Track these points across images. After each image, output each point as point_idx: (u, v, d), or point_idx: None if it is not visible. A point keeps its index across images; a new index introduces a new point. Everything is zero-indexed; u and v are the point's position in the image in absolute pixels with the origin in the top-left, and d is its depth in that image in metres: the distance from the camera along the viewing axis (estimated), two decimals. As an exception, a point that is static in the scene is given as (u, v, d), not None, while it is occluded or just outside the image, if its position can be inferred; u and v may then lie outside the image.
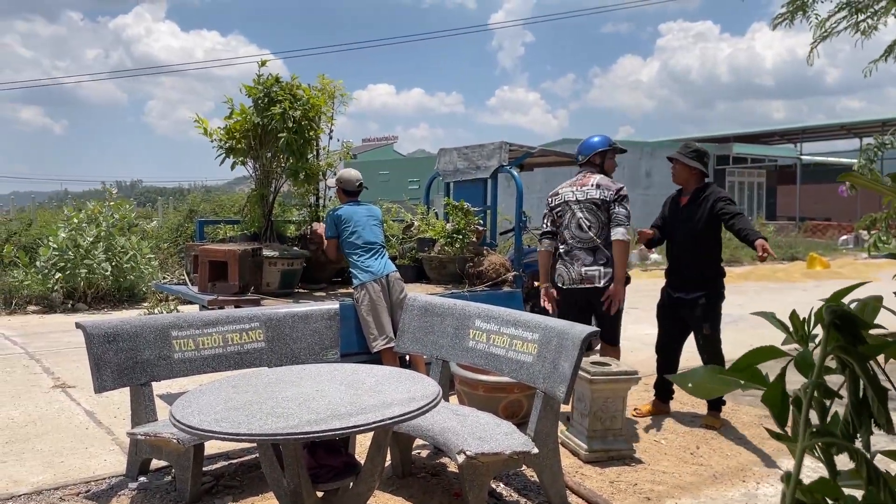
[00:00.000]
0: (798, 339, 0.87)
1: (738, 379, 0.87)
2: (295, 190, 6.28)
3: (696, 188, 4.79)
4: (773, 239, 22.47)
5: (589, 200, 4.67)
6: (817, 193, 32.46)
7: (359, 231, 5.29)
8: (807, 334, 0.87)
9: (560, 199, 4.79)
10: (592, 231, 4.64)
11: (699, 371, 0.92)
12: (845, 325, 0.75)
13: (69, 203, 13.24)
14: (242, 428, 2.34)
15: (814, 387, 0.76)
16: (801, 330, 0.87)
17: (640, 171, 30.82)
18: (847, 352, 0.75)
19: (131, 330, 3.57)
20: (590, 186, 4.70)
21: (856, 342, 0.74)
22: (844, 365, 0.77)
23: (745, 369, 0.85)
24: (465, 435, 3.24)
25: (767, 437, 4.52)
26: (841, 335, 0.75)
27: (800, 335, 0.87)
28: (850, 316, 0.75)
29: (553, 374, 3.29)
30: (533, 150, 6.87)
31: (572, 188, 4.77)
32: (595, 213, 4.65)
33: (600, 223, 4.64)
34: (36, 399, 5.43)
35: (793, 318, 0.91)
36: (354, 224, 5.30)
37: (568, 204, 4.74)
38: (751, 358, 0.86)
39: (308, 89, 5.86)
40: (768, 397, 0.81)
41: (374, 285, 5.13)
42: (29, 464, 4.02)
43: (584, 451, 4.09)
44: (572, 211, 4.70)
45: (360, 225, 5.31)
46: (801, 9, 6.25)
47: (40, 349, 7.35)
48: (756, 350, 0.87)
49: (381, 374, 3.03)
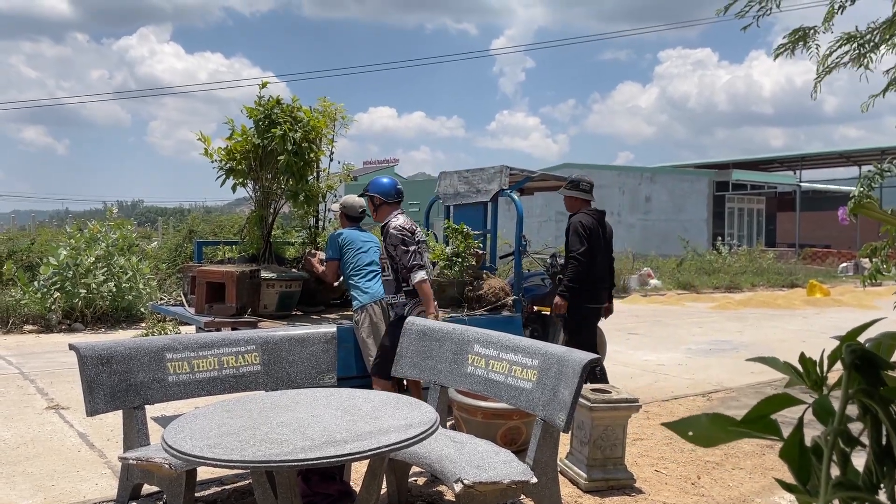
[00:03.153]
0: (811, 383, 0.82)
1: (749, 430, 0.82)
2: (295, 211, 6.26)
3: (570, 214, 5.53)
4: (773, 265, 22.45)
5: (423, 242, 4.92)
6: (817, 220, 32.50)
7: (359, 254, 5.29)
8: (822, 378, 0.82)
9: (419, 237, 4.90)
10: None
11: (701, 419, 0.88)
12: (865, 367, 0.71)
13: (70, 222, 13.22)
14: (235, 454, 2.30)
15: (836, 435, 0.71)
16: (813, 373, 0.82)
17: (640, 196, 30.91)
18: (870, 395, 0.71)
19: (125, 352, 3.52)
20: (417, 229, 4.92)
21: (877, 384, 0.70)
22: (866, 410, 0.73)
23: (758, 420, 0.80)
24: (463, 463, 3.18)
25: (770, 467, 4.46)
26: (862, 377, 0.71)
27: (813, 379, 0.82)
28: (871, 356, 0.71)
29: (553, 402, 3.24)
30: (533, 174, 6.86)
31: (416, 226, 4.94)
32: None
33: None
34: (29, 420, 5.36)
35: (804, 360, 0.86)
36: (356, 247, 5.30)
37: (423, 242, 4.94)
38: (764, 408, 0.81)
39: (309, 111, 5.87)
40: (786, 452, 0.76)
41: (375, 307, 5.08)
42: (19, 487, 3.96)
43: (584, 479, 4.02)
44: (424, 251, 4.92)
45: (361, 248, 5.31)
46: (803, 39, 6.28)
47: (35, 369, 7.28)
48: (769, 399, 0.82)
49: (377, 400, 2.98)
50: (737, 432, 0.80)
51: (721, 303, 15.58)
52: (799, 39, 6.34)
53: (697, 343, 9.80)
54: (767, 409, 0.80)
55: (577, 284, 5.27)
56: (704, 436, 0.82)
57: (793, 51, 6.46)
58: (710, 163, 35.89)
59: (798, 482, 0.77)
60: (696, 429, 0.83)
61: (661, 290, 17.91)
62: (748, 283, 19.77)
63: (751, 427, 0.79)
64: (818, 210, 32.54)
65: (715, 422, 0.83)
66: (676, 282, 18.83)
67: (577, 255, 5.23)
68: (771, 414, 0.80)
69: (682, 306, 15.19)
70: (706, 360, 8.52)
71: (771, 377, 7.02)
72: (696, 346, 9.58)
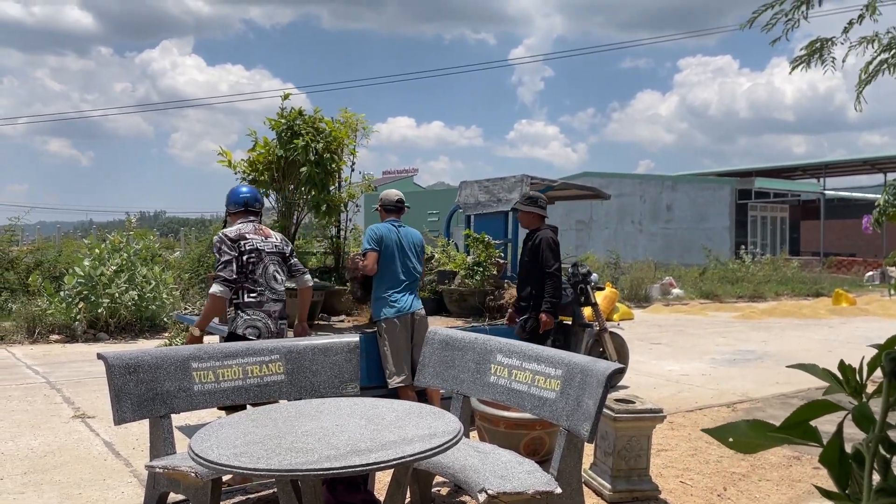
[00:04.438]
0: (850, 390, 0.81)
1: (789, 436, 0.81)
2: (316, 221, 6.31)
3: (532, 230, 5.51)
4: (798, 274, 22.17)
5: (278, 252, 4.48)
6: (842, 229, 32.06)
7: (390, 261, 5.06)
8: (861, 385, 0.81)
9: (252, 246, 4.37)
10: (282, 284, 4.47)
11: (740, 425, 0.87)
12: (904, 374, 0.70)
13: (94, 233, 13.42)
14: (261, 463, 2.31)
15: (878, 441, 0.71)
16: (853, 380, 0.82)
17: (661, 204, 30.71)
18: (911, 401, 0.70)
19: (152, 361, 3.56)
20: (275, 239, 4.51)
21: (917, 392, 0.69)
22: (905, 416, 0.72)
23: (797, 425, 0.79)
24: (487, 473, 3.17)
25: (797, 478, 4.40)
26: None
27: (852, 386, 0.81)
28: (911, 364, 0.70)
29: (577, 412, 3.22)
30: (554, 183, 6.86)
31: (258, 236, 4.44)
32: (281, 266, 4.49)
33: (284, 276, 4.52)
34: (56, 429, 5.43)
35: (843, 368, 0.85)
36: (388, 250, 5.05)
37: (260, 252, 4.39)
38: (803, 414, 0.80)
39: (330, 122, 5.92)
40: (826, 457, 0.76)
41: (396, 322, 5.00)
42: (47, 495, 4.00)
43: (609, 491, 3.99)
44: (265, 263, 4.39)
45: (393, 253, 5.08)
46: (819, 52, 6.24)
47: (61, 379, 7.37)
48: (809, 405, 0.81)
49: (401, 409, 2.98)
50: (777, 438, 0.79)
51: (745, 312, 15.42)
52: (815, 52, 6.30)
53: (721, 353, 9.70)
54: (807, 415, 0.80)
55: (558, 300, 5.37)
56: (744, 442, 0.81)
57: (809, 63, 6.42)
58: (733, 171, 35.58)
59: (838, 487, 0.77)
60: (736, 435, 0.82)
61: (684, 300, 17.76)
62: (772, 293, 19.53)
63: (790, 433, 0.79)
64: (843, 218, 32.11)
65: (754, 428, 0.82)
66: (699, 291, 18.66)
67: (555, 272, 5.30)
68: (810, 420, 0.80)
69: (706, 316, 15.05)
70: (730, 370, 8.42)
71: (797, 388, 6.92)
72: (720, 355, 9.48)
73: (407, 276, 5.12)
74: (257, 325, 4.32)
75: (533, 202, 5.55)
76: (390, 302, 5.04)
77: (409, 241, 5.22)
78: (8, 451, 4.82)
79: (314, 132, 5.69)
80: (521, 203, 5.61)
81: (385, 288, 5.08)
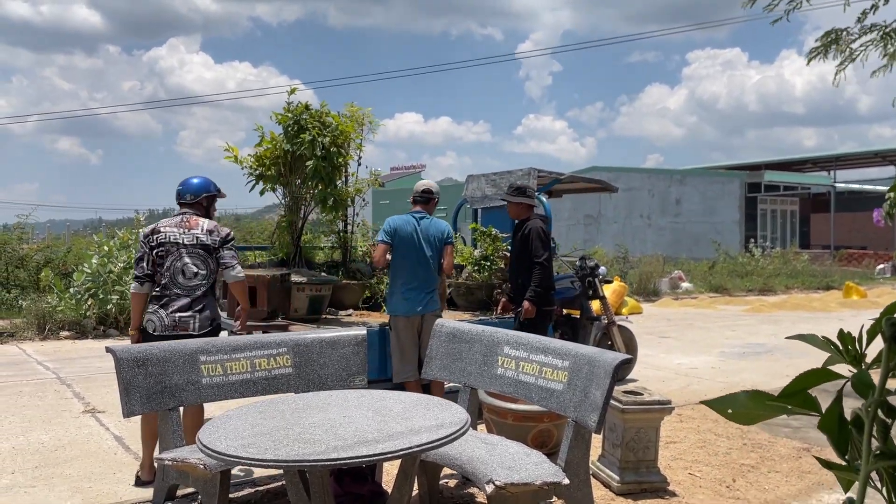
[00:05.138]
0: (850, 359, 0.80)
1: (788, 405, 0.81)
2: (323, 217, 6.31)
3: (522, 220, 5.52)
4: (808, 267, 22.06)
5: (200, 245, 4.32)
6: (852, 222, 31.86)
7: (403, 255, 4.96)
8: (861, 354, 0.80)
9: (164, 239, 4.29)
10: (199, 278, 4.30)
11: (740, 396, 0.86)
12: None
13: (103, 231, 13.49)
14: (269, 454, 2.32)
15: (877, 406, 0.70)
16: (853, 349, 0.81)
17: (670, 198, 30.60)
18: (911, 367, 0.69)
19: (160, 355, 3.58)
20: (199, 231, 4.35)
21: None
22: (905, 382, 0.71)
23: (795, 394, 0.79)
24: (494, 464, 3.17)
25: (807, 470, 4.37)
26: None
27: (852, 355, 0.80)
28: (911, 330, 0.70)
29: (584, 403, 3.21)
30: (562, 176, 6.84)
31: (178, 229, 4.34)
32: (204, 259, 4.32)
33: (209, 269, 4.34)
34: (66, 424, 5.46)
35: (842, 336, 0.84)
36: (402, 242, 4.95)
37: (175, 245, 4.29)
38: (802, 382, 0.79)
39: (337, 116, 5.91)
40: (825, 423, 0.75)
41: (405, 321, 4.93)
42: (58, 489, 4.03)
43: (617, 482, 3.98)
44: (179, 254, 4.28)
45: (408, 246, 4.95)
46: (836, 42, 6.20)
47: (71, 374, 7.42)
48: (807, 373, 0.80)
49: (408, 401, 2.99)
50: (775, 407, 0.79)
51: (754, 306, 15.35)
52: (832, 42, 6.26)
53: (731, 346, 9.67)
54: (806, 383, 0.79)
55: (543, 290, 5.31)
56: (744, 413, 0.81)
57: (825, 53, 6.38)
58: (742, 164, 35.40)
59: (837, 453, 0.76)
60: (735, 406, 0.82)
61: (693, 294, 17.70)
62: (782, 286, 19.44)
63: (789, 401, 0.78)
64: (853, 211, 31.89)
65: (753, 398, 0.81)
66: (708, 285, 18.59)
67: (544, 261, 5.29)
68: (809, 388, 0.79)
69: (715, 309, 14.99)
70: (740, 363, 8.39)
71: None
72: (730, 349, 9.44)
73: (422, 272, 4.96)
74: (152, 318, 4.20)
75: (521, 192, 5.52)
76: (402, 299, 4.96)
77: (428, 235, 4.99)
78: (19, 446, 4.86)
79: (321, 126, 5.69)
80: (510, 194, 5.56)
81: (398, 283, 4.99)
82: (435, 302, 5.03)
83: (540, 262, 5.27)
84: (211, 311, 4.31)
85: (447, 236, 5.06)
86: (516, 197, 5.50)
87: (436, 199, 5.27)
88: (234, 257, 4.40)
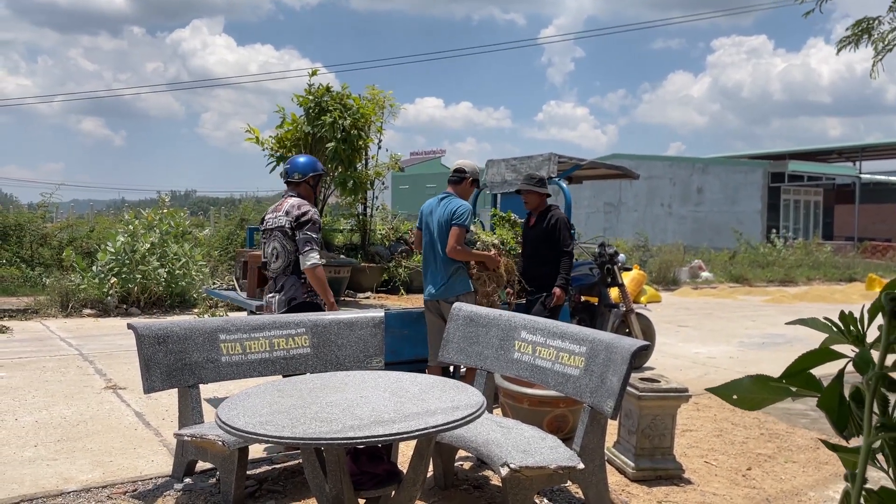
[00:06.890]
0: (852, 339, 0.79)
1: (790, 386, 0.80)
2: (343, 199, 6.33)
3: (543, 209, 5.55)
4: (830, 259, 21.78)
5: (278, 227, 4.37)
6: (877, 213, 31.35)
7: (423, 241, 4.98)
8: (862, 333, 0.79)
9: (265, 225, 4.51)
10: (279, 259, 4.37)
11: (744, 382, 0.85)
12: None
13: (126, 211, 13.64)
14: (286, 431, 2.34)
15: (878, 379, 0.69)
16: (854, 329, 0.80)
17: (692, 187, 30.30)
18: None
19: (181, 332, 3.62)
20: (282, 212, 4.39)
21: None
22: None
23: (797, 375, 0.78)
24: (509, 447, 3.18)
25: (824, 461, 4.35)
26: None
27: (853, 335, 0.79)
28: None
29: (600, 389, 3.21)
30: (582, 161, 6.79)
31: (275, 212, 4.47)
32: (282, 241, 4.34)
33: (286, 251, 4.34)
34: (88, 399, 5.55)
35: (844, 317, 0.84)
36: (423, 228, 4.97)
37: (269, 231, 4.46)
38: (803, 362, 0.79)
39: (358, 99, 5.91)
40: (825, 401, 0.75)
41: (428, 305, 4.96)
42: (79, 462, 4.11)
43: (632, 469, 3.98)
44: (270, 237, 4.43)
45: (424, 231, 4.97)
46: (867, 31, 6.08)
47: (94, 351, 7.53)
48: (808, 354, 0.80)
49: (425, 383, 3.00)
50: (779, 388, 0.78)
51: (775, 296, 15.20)
52: (863, 32, 6.14)
53: (750, 336, 9.59)
54: (807, 364, 0.79)
55: (570, 277, 5.50)
56: (748, 398, 0.81)
57: (856, 43, 6.26)
58: (765, 153, 34.92)
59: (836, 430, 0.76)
60: (740, 391, 0.82)
61: (713, 283, 17.56)
62: (804, 277, 19.22)
63: (791, 382, 0.77)
64: (879, 202, 31.39)
65: (757, 383, 0.81)
66: (729, 274, 18.43)
67: (571, 250, 5.45)
68: (811, 368, 0.78)
69: (735, 299, 14.87)
70: (759, 353, 8.33)
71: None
72: (749, 339, 9.37)
73: (431, 255, 4.92)
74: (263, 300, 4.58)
75: (542, 183, 5.54)
76: (425, 283, 5.01)
77: (440, 217, 4.83)
78: (42, 420, 4.95)
79: (342, 108, 5.70)
80: (528, 183, 5.50)
81: (423, 267, 5.06)
82: (452, 288, 4.81)
83: (569, 251, 5.41)
84: (288, 292, 4.37)
85: (454, 217, 4.75)
86: (536, 187, 5.50)
87: (469, 178, 4.99)
88: (310, 242, 4.23)
